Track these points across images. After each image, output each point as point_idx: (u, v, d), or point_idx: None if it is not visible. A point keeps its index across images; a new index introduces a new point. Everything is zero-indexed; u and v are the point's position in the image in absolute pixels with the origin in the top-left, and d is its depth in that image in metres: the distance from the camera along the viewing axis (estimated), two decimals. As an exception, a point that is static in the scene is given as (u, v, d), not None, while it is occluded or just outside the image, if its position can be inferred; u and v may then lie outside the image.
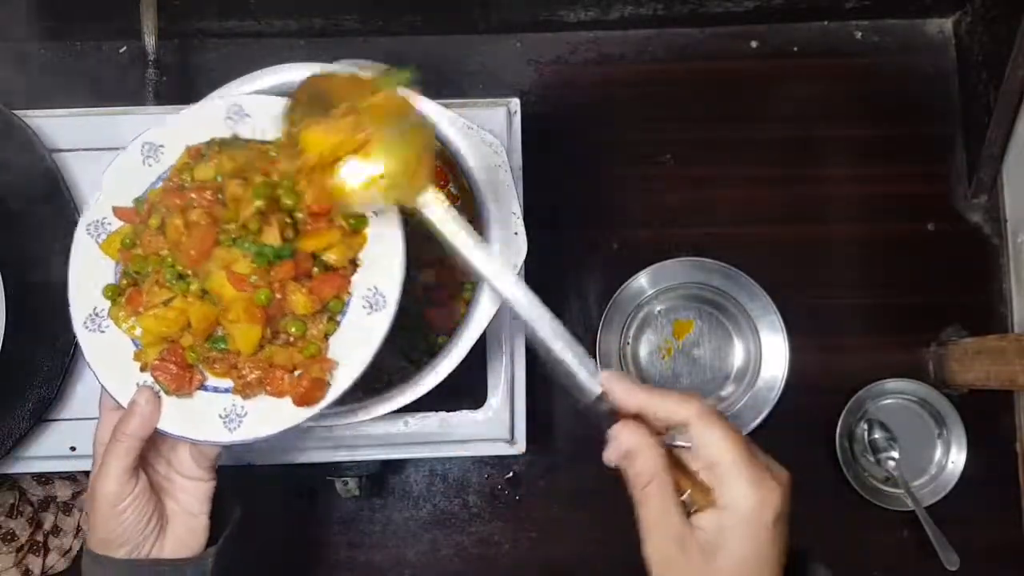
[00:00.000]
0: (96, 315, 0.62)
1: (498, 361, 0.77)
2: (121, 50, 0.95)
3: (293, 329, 0.59)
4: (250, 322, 0.58)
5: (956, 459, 0.91)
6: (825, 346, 0.93)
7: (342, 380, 0.59)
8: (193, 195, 0.60)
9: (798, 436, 0.92)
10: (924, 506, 0.89)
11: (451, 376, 0.68)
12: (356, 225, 0.61)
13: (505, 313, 0.78)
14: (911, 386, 0.92)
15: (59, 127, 0.78)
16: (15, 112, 0.75)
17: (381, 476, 0.90)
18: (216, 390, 0.60)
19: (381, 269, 0.60)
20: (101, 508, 0.59)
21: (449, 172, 0.79)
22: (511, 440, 0.77)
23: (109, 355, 0.61)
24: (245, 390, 0.59)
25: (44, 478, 0.88)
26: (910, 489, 0.90)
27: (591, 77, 0.97)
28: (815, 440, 0.92)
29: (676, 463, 0.51)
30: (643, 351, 0.93)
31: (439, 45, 0.96)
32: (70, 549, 0.88)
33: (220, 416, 0.59)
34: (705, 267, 0.91)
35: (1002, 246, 0.95)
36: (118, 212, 0.63)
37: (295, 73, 0.69)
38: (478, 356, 0.74)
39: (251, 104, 0.64)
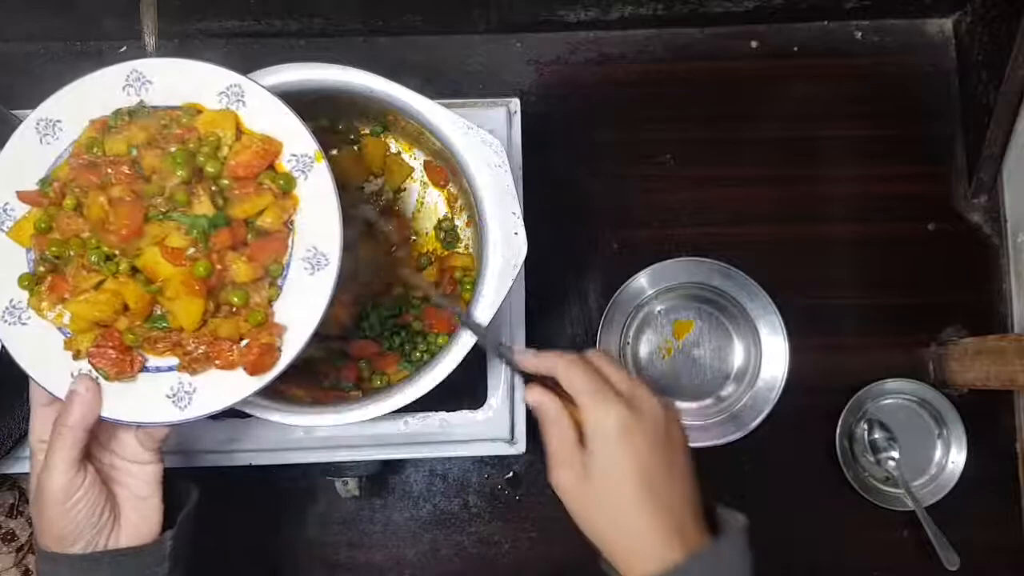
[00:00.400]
0: (14, 307, 0.59)
1: (498, 361, 0.77)
2: (121, 50, 0.95)
3: (236, 299, 0.58)
4: (191, 297, 0.57)
5: (956, 459, 0.91)
6: (825, 346, 0.93)
7: (293, 344, 0.58)
8: (109, 170, 0.58)
9: (798, 436, 0.92)
10: (924, 506, 0.89)
11: (451, 376, 0.68)
12: (285, 187, 0.60)
13: (505, 313, 0.78)
14: (911, 386, 0.92)
15: (59, 127, 0.78)
16: (15, 112, 0.75)
17: (381, 476, 0.90)
18: (159, 370, 0.58)
19: (318, 228, 0.60)
20: (51, 505, 0.57)
21: (449, 172, 0.79)
22: (511, 440, 0.77)
23: (35, 348, 0.59)
24: (192, 366, 0.58)
25: (44, 478, 0.88)
26: (910, 489, 0.90)
27: (591, 77, 0.97)
28: (815, 440, 0.92)
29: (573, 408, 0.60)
30: (643, 351, 0.93)
31: (439, 45, 0.96)
32: (70, 549, 0.88)
33: (168, 396, 0.58)
34: (705, 267, 0.91)
35: (1002, 246, 0.95)
36: (23, 196, 0.60)
37: (295, 73, 0.69)
38: (478, 356, 0.74)
39: (150, 69, 0.62)
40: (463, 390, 0.78)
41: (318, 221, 0.60)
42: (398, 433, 0.76)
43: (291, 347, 0.58)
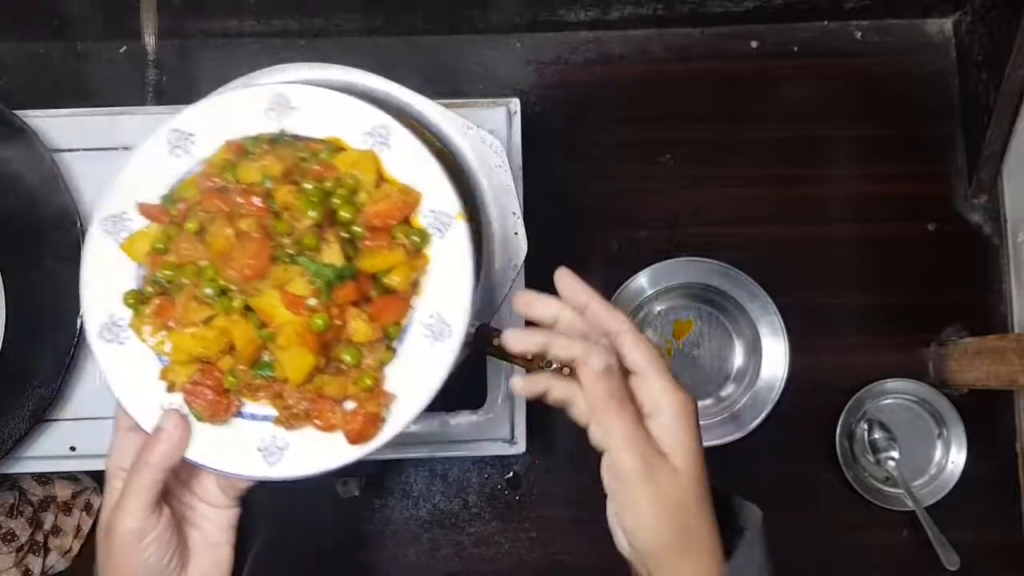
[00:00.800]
0: (114, 324, 0.55)
1: (498, 361, 0.77)
2: (121, 50, 0.95)
3: (348, 358, 0.53)
4: (303, 349, 0.51)
5: (956, 459, 0.91)
6: (825, 346, 0.93)
7: (399, 417, 0.54)
8: (240, 200, 0.53)
9: (798, 436, 0.92)
10: (924, 506, 0.89)
11: (451, 376, 0.67)
12: (419, 244, 0.55)
13: (506, 312, 0.78)
14: (911, 386, 0.92)
15: (59, 127, 0.78)
16: (15, 112, 0.75)
17: (381, 476, 0.90)
18: (254, 417, 0.54)
19: (445, 294, 0.54)
20: (120, 547, 0.53)
21: (449, 172, 0.79)
22: (511, 440, 0.77)
23: (129, 371, 0.55)
24: (290, 420, 0.53)
25: (44, 478, 0.88)
26: (910, 489, 0.90)
27: (591, 77, 0.97)
28: (815, 440, 0.92)
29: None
30: (643, 351, 0.93)
31: (439, 45, 0.96)
32: (70, 549, 0.88)
33: (258, 449, 0.54)
34: (705, 267, 0.91)
35: (1002, 246, 0.95)
36: (144, 209, 0.56)
37: (295, 73, 0.69)
38: (478, 357, 0.74)
39: (297, 95, 0.57)
40: (463, 390, 0.78)
41: (447, 286, 0.55)
42: (398, 433, 0.76)
43: (397, 420, 0.54)
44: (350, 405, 0.54)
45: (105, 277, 0.56)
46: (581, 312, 0.55)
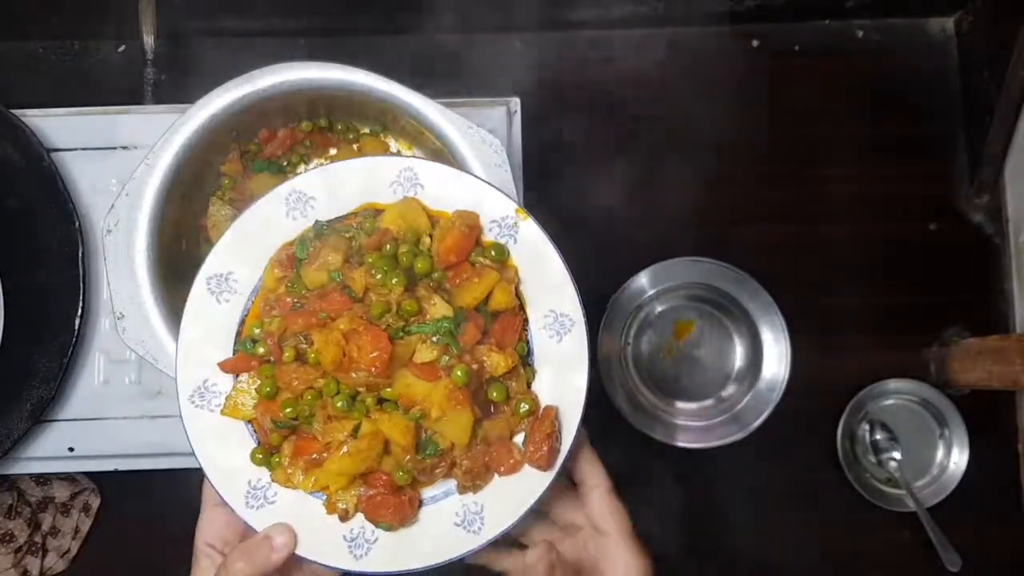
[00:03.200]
0: (255, 489, 0.52)
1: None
2: (120, 50, 0.95)
3: (496, 394, 0.52)
4: (459, 409, 0.50)
5: (958, 460, 0.91)
6: (826, 346, 0.93)
7: (570, 419, 0.53)
8: (322, 305, 0.52)
9: (799, 437, 0.92)
10: (926, 507, 0.89)
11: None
12: (499, 257, 0.54)
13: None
14: (912, 386, 0.92)
15: (58, 127, 0.78)
16: (14, 112, 0.75)
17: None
18: (436, 499, 0.52)
19: (546, 289, 0.54)
20: None
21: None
22: (511, 441, 0.77)
23: (296, 523, 0.52)
24: (473, 483, 0.52)
25: (42, 479, 0.88)
26: (912, 490, 0.89)
27: (591, 77, 0.97)
28: (816, 441, 0.92)
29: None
30: (644, 351, 0.93)
31: (439, 45, 0.96)
32: (68, 550, 0.88)
33: (457, 524, 0.52)
34: (706, 267, 0.91)
35: (1004, 246, 0.95)
36: (226, 366, 0.53)
37: (295, 73, 0.69)
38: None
39: (308, 185, 0.55)
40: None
41: (543, 281, 0.54)
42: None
43: (569, 424, 0.53)
44: (520, 437, 0.52)
45: (222, 450, 0.53)
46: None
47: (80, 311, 0.73)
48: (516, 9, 0.93)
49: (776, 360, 0.90)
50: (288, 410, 0.51)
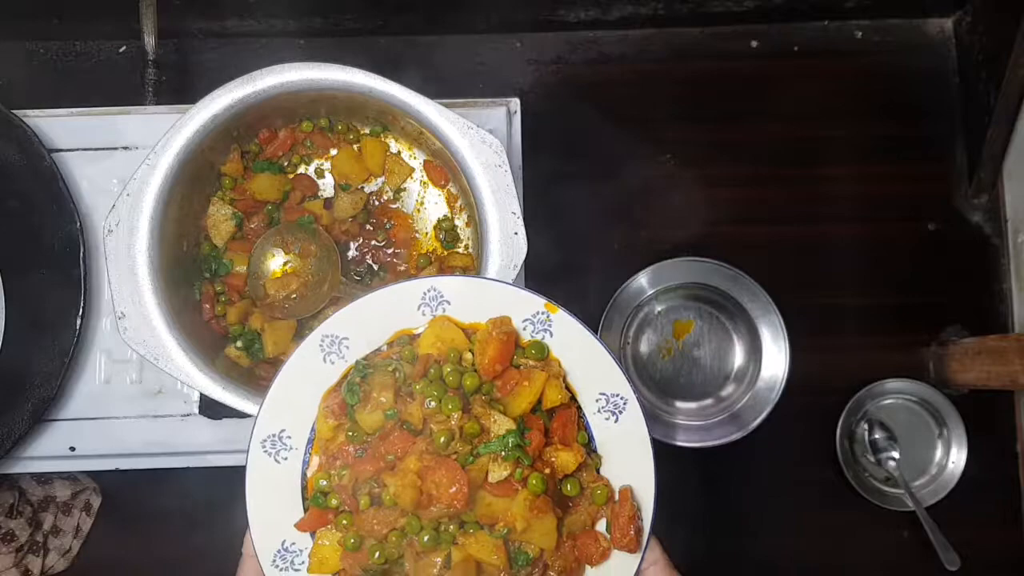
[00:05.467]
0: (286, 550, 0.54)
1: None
2: (121, 50, 0.95)
3: (570, 490, 0.53)
4: (542, 516, 0.51)
5: (956, 459, 0.91)
6: (825, 346, 0.93)
7: (645, 492, 0.53)
8: (386, 448, 0.52)
9: (798, 436, 0.92)
10: (924, 506, 0.89)
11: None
12: (539, 355, 0.55)
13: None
14: (911, 386, 0.92)
15: (59, 127, 0.78)
16: (15, 112, 0.75)
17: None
18: None
19: (591, 374, 0.54)
20: None
21: (449, 172, 0.79)
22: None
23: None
24: None
25: (44, 478, 0.88)
26: (910, 489, 0.90)
27: (591, 77, 0.97)
28: (815, 440, 0.92)
29: None
30: (643, 351, 0.93)
31: (439, 45, 0.96)
32: (69, 549, 0.88)
33: None
34: (705, 267, 0.91)
35: (1002, 246, 0.95)
36: (304, 525, 0.54)
37: (295, 73, 0.69)
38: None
39: (338, 327, 0.55)
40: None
41: (587, 367, 0.55)
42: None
43: (646, 498, 0.54)
44: (602, 524, 0.53)
45: None
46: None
47: (81, 311, 0.73)
48: (516, 9, 0.93)
49: (775, 360, 0.90)
50: (377, 555, 0.52)
